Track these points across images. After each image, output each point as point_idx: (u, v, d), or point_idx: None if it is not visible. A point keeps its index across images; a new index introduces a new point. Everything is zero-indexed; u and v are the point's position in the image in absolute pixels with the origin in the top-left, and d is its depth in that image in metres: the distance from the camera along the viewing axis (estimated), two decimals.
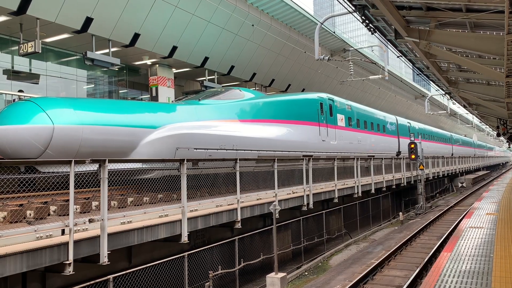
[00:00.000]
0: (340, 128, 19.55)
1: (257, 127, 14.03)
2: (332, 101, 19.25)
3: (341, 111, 19.97)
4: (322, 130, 17.61)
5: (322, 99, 18.38)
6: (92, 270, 7.81)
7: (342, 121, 19.86)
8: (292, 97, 17.33)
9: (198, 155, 10.95)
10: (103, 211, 6.88)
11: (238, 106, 13.88)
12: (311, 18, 25.32)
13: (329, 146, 18.06)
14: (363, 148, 22.03)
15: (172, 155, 10.34)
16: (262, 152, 13.51)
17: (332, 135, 18.54)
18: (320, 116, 17.74)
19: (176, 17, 18.59)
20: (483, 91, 16.62)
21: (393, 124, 28.39)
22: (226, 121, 12.94)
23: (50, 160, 7.29)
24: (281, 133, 15.17)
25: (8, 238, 5.88)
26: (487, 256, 9.43)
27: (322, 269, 14.24)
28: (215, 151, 11.67)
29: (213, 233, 11.60)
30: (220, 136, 12.14)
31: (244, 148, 12.78)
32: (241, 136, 12.95)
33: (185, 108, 12.37)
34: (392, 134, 27.82)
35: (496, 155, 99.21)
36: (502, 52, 8.21)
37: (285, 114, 15.72)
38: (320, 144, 17.35)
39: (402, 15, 9.22)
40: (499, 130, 29.12)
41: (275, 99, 16.34)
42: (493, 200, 21.18)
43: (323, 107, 18.13)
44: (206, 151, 11.38)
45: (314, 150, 16.68)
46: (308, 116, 16.99)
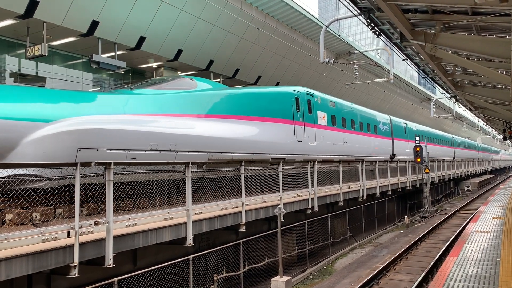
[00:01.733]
0: (322, 127, 17.46)
1: (210, 124, 11.67)
2: (312, 96, 17.13)
3: (322, 108, 17.92)
4: (298, 129, 15.49)
5: (298, 93, 16.15)
6: (97, 273, 7.82)
7: (323, 120, 17.79)
8: (260, 90, 15.24)
9: (114, 157, 8.44)
10: (109, 214, 6.90)
11: (185, 97, 11.55)
12: (316, 21, 25.34)
13: (307, 148, 16.05)
14: (350, 150, 19.98)
15: (71, 157, 8.11)
16: (215, 154, 11.35)
17: (311, 135, 16.43)
18: (296, 113, 15.56)
19: (182, 21, 18.66)
20: (489, 94, 16.53)
21: (386, 124, 26.32)
22: (164, 116, 10.56)
23: (56, 163, 7.31)
24: (244, 131, 12.92)
25: (14, 240, 5.92)
26: (493, 261, 9.35)
27: (327, 273, 14.19)
28: (142, 152, 9.30)
29: (218, 236, 11.59)
30: (150, 134, 9.62)
31: (189, 149, 10.55)
32: (183, 135, 10.51)
33: (104, 98, 10.03)
34: (385, 135, 25.67)
35: (502, 158, 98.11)
36: (508, 55, 8.18)
37: (250, 110, 13.48)
38: (296, 146, 15.27)
39: (407, 18, 9.20)
40: (505, 133, 28.99)
41: (238, 91, 14.28)
42: (500, 204, 21.03)
43: (300, 103, 15.97)
44: (126, 153, 9.01)
45: (287, 152, 14.65)
46: (280, 113, 14.79)
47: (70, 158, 8.04)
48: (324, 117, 17.85)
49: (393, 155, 26.25)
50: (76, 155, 8.19)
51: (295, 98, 15.79)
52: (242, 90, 14.66)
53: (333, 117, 18.76)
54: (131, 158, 9.01)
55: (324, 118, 17.84)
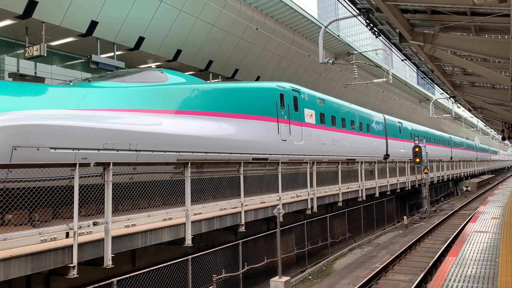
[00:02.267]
0: (309, 125, 16.50)
1: (181, 121, 10.70)
2: (298, 92, 16.12)
3: (310, 105, 16.91)
4: (282, 127, 14.54)
5: (283, 89, 15.14)
6: (96, 273, 7.81)
7: (311, 118, 16.78)
8: (240, 85, 14.15)
9: (60, 157, 7.68)
10: (107, 214, 6.89)
11: (152, 91, 10.53)
12: (315, 22, 25.37)
13: (292, 148, 15.10)
14: (340, 150, 19.06)
15: (6, 157, 7.14)
16: (185, 154, 10.34)
17: (297, 133, 15.50)
18: (280, 110, 14.63)
19: (181, 21, 18.66)
20: (488, 94, 16.55)
21: (380, 123, 25.27)
22: (125, 111, 9.57)
23: (55, 164, 7.29)
24: (220, 129, 11.96)
25: (13, 240, 5.90)
26: (492, 261, 9.36)
27: (326, 273, 14.19)
28: (95, 152, 8.30)
29: (217, 237, 11.59)
30: (105, 131, 8.63)
31: (155, 148, 9.61)
32: (146, 132, 9.53)
33: (55, 91, 9.09)
34: (378, 135, 24.65)
35: (501, 159, 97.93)
36: (507, 56, 8.19)
37: (228, 106, 12.53)
38: (280, 145, 14.34)
39: (406, 18, 9.21)
40: (504, 133, 29.03)
41: (214, 86, 13.23)
42: (498, 204, 21.04)
43: (284, 99, 15.01)
44: (75, 152, 8.07)
45: (270, 152, 13.77)
46: (263, 110, 13.84)
47: (5, 158, 7.09)
48: (312, 115, 16.85)
49: (387, 155, 25.37)
50: (11, 154, 7.18)
51: (280, 94, 14.83)
52: (219, 85, 13.61)
53: (322, 115, 17.85)
54: (82, 158, 8.02)
55: (312, 116, 16.84)
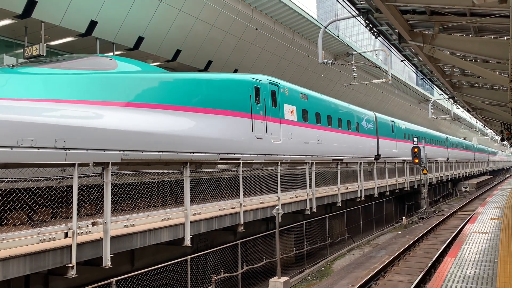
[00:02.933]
0: (289, 122, 15.28)
1: (131, 115, 9.31)
2: (277, 86, 14.92)
3: (291, 100, 15.73)
4: (257, 124, 13.30)
5: (259, 82, 13.90)
6: (95, 273, 7.80)
7: (292, 114, 15.56)
8: (207, 77, 12.60)
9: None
10: (106, 214, 6.88)
11: (94, 80, 9.13)
12: (315, 22, 25.37)
13: (269, 147, 13.89)
14: (325, 149, 17.85)
15: None
16: (131, 153, 9.01)
17: (275, 131, 14.31)
18: (255, 105, 13.39)
19: (180, 21, 18.66)
20: (487, 95, 16.57)
21: (370, 122, 24.02)
22: (54, 102, 8.22)
23: (55, 163, 7.29)
24: (179, 125, 10.58)
25: (12, 240, 5.89)
26: (491, 262, 9.37)
27: (325, 274, 14.19)
28: (7, 150, 7.08)
29: (216, 237, 11.58)
30: (20, 125, 7.32)
31: (90, 145, 8.33)
32: (80, 127, 8.23)
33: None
34: (369, 134, 23.45)
35: (499, 159, 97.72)
36: (507, 57, 8.19)
37: (190, 99, 11.19)
38: (254, 144, 13.13)
39: (406, 19, 9.22)
40: (503, 134, 29.07)
41: (175, 76, 11.75)
42: (497, 205, 21.06)
43: (260, 94, 13.78)
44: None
45: (243, 151, 12.55)
46: (233, 104, 12.60)
47: None
48: (293, 112, 15.62)
49: (378, 155, 24.14)
50: None
51: (254, 88, 13.58)
52: (181, 75, 12.11)
53: (305, 112, 16.61)
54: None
55: (293, 112, 15.61)
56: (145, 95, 9.98)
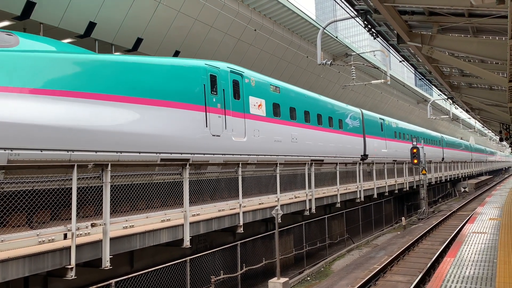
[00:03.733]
0: (256, 118, 13.55)
1: (32, 104, 7.64)
2: (241, 76, 13.15)
3: (259, 93, 13.99)
4: (213, 119, 11.53)
5: (216, 70, 12.03)
6: (94, 275, 7.79)
7: (260, 108, 13.82)
8: (142, 60, 10.33)
9: None
10: (106, 216, 6.88)
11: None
12: (314, 23, 25.39)
13: (230, 145, 12.15)
14: (302, 149, 16.13)
15: None
16: (24, 152, 7.29)
17: (238, 127, 12.55)
18: (210, 97, 11.55)
19: (179, 22, 18.66)
20: (485, 96, 16.60)
21: (356, 119, 22.30)
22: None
23: (54, 164, 7.29)
24: (101, 117, 8.70)
25: (11, 242, 5.89)
26: (490, 262, 9.38)
27: (324, 274, 14.19)
28: None
29: (215, 238, 11.58)
30: None
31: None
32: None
33: None
34: (354, 132, 21.64)
35: (498, 160, 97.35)
36: (505, 57, 8.21)
37: (119, 87, 9.20)
38: (209, 141, 11.35)
39: (404, 20, 9.24)
40: (502, 135, 29.10)
41: (101, 59, 9.40)
42: (496, 205, 21.09)
43: (218, 83, 11.98)
44: None
45: (193, 150, 10.81)
46: (181, 95, 10.70)
47: None
48: (261, 105, 13.87)
49: (364, 155, 22.46)
50: None
51: (210, 76, 11.73)
52: (111, 57, 9.92)
53: (277, 106, 14.90)
54: None
55: (261, 106, 13.86)
56: (55, 79, 8.17)
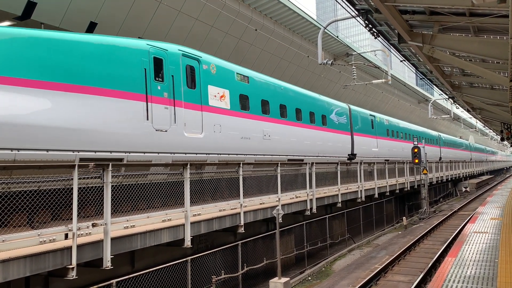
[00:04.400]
0: (217, 110, 11.85)
1: None
2: (197, 61, 11.47)
3: (222, 82, 12.28)
4: (157, 110, 9.83)
5: (162, 52, 10.30)
6: (95, 275, 7.80)
7: (223, 100, 12.12)
8: (68, 37, 8.64)
9: None
10: (106, 216, 6.88)
11: None
12: (314, 23, 25.37)
13: (181, 142, 10.44)
14: (276, 147, 14.42)
15: None
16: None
17: (193, 121, 10.90)
18: (154, 84, 9.85)
19: (180, 22, 18.66)
20: (486, 95, 16.58)
21: (343, 115, 20.51)
22: None
23: (54, 164, 7.29)
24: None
25: (12, 242, 5.89)
26: (492, 262, 9.36)
27: (325, 274, 14.18)
28: None
29: (216, 238, 11.58)
30: None
31: None
32: None
33: None
34: (340, 129, 19.89)
35: (499, 159, 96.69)
36: (506, 57, 8.20)
37: (20, 68, 7.57)
38: (152, 137, 9.65)
39: (405, 19, 9.23)
40: (503, 134, 29.08)
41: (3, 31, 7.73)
42: (497, 205, 21.06)
43: (165, 69, 10.26)
44: None
45: (129, 148, 9.12)
46: (111, 80, 8.99)
47: None
48: (223, 96, 12.13)
49: (352, 155, 20.81)
50: None
51: (153, 60, 9.98)
52: (17, 31, 8.06)
53: (245, 98, 13.24)
54: None
55: (223, 97, 12.13)
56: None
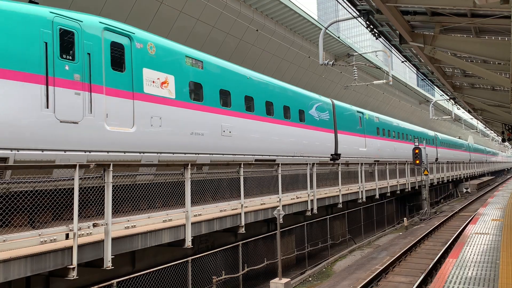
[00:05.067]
0: (156, 99, 9.84)
1: None
2: (129, 38, 9.53)
3: (165, 65, 10.26)
4: (62, 96, 7.97)
5: (72, 24, 8.41)
6: (96, 275, 7.80)
7: (165, 87, 10.15)
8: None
9: None
10: (107, 216, 6.88)
11: None
12: (315, 23, 25.38)
13: (101, 137, 8.58)
14: (239, 145, 12.53)
15: None
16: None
17: (119, 112, 9.03)
18: (59, 63, 8.00)
19: (181, 22, 18.68)
20: (488, 96, 16.57)
21: (325, 111, 18.43)
22: None
23: (55, 165, 7.30)
24: None
25: (13, 242, 5.90)
26: (493, 263, 9.35)
27: (326, 275, 14.17)
28: None
29: (217, 238, 11.57)
30: None
31: None
32: None
33: None
34: (322, 127, 17.91)
35: (499, 160, 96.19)
36: (507, 57, 8.19)
37: None
38: (55, 131, 7.80)
39: (406, 20, 9.22)
40: (504, 135, 29.04)
41: None
42: (498, 206, 21.03)
43: (77, 44, 8.38)
44: None
45: (19, 143, 7.29)
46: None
47: None
48: (166, 83, 10.19)
49: (336, 155, 18.96)
50: None
51: (59, 32, 8.12)
52: None
53: (197, 87, 11.33)
54: None
55: (166, 84, 10.19)
56: None
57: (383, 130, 25.24)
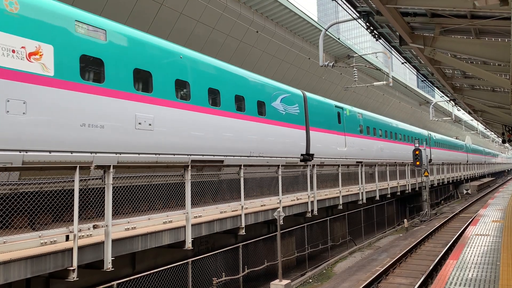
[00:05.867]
0: (10, 75, 7.01)
1: None
2: None
3: (32, 29, 7.47)
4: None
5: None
6: (96, 276, 7.80)
7: (34, 59, 7.41)
8: None
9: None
10: (108, 217, 6.88)
11: None
12: (316, 25, 25.39)
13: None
14: (165, 142, 10.01)
15: None
16: None
17: None
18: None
19: (181, 24, 18.70)
20: (488, 97, 16.57)
21: (293, 104, 15.94)
22: None
23: (56, 166, 7.29)
24: None
25: (13, 243, 5.89)
26: (493, 264, 9.34)
27: (326, 277, 14.15)
28: None
29: (217, 240, 11.57)
30: None
31: None
32: None
33: None
34: (289, 122, 15.48)
35: (499, 161, 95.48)
36: (507, 59, 8.20)
37: None
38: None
39: (406, 21, 9.23)
40: (504, 136, 29.04)
41: None
42: (499, 207, 21.02)
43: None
44: None
45: None
46: None
47: None
48: (38, 54, 7.51)
49: (308, 155, 16.61)
50: None
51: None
52: None
53: (94, 64, 8.67)
54: None
55: (38, 56, 7.51)
56: None
57: (367, 128, 22.42)
